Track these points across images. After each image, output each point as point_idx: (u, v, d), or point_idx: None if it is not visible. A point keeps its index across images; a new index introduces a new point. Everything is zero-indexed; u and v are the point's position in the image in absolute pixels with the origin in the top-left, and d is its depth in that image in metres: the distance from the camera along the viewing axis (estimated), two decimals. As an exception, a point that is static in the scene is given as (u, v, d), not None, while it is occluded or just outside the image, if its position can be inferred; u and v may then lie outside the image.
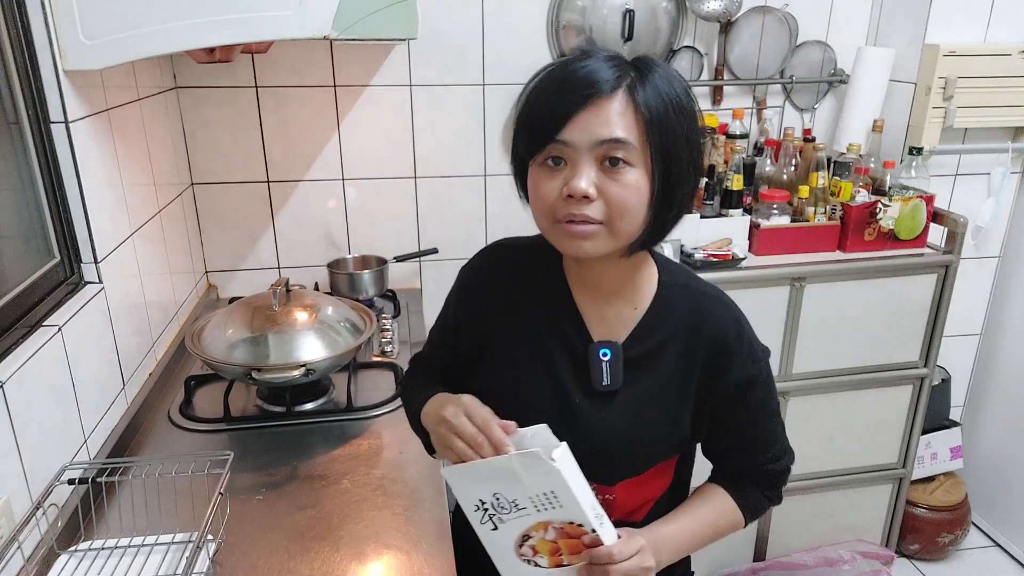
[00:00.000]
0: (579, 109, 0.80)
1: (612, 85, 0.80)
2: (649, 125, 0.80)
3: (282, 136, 2.06)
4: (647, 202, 0.82)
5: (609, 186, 0.81)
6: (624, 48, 2.12)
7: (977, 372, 2.58)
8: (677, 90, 0.83)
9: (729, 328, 0.94)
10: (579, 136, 0.80)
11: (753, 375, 0.95)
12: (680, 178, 0.83)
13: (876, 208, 1.91)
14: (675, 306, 0.94)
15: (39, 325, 1.21)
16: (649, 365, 0.94)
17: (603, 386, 0.93)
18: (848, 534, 2.25)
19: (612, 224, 0.83)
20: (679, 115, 0.82)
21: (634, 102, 0.80)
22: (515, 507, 0.84)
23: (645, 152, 0.81)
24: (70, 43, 1.25)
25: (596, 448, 0.93)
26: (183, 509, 1.18)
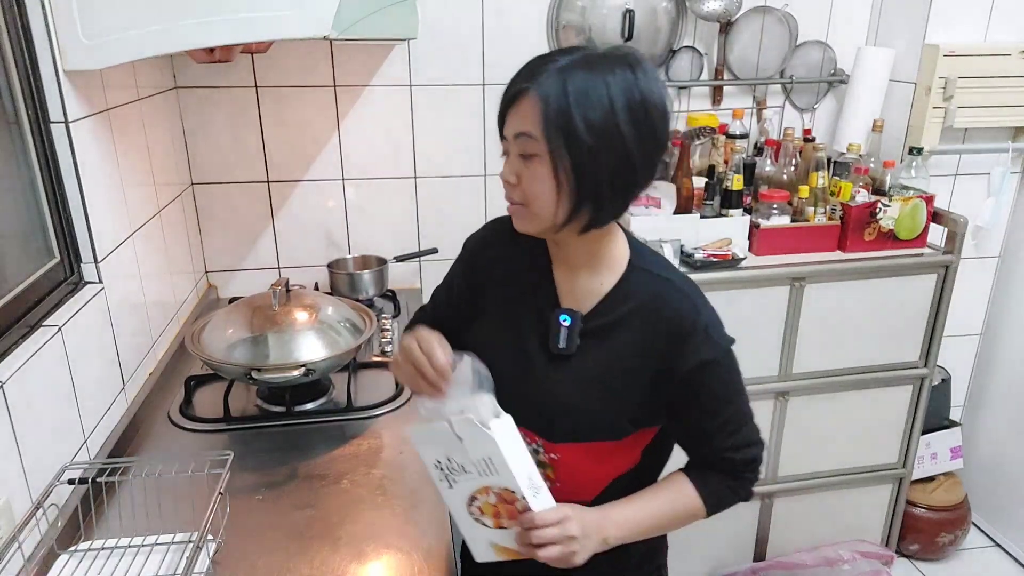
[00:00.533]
0: (508, 108, 0.92)
1: (528, 83, 0.89)
2: (546, 119, 0.87)
3: (282, 136, 2.06)
4: (553, 190, 0.90)
5: (524, 175, 0.92)
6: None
7: (977, 372, 2.58)
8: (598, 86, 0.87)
9: (687, 312, 0.98)
10: (508, 131, 0.93)
11: (710, 359, 0.98)
12: (591, 171, 0.89)
13: (876, 208, 1.91)
14: (639, 288, 1.00)
15: (39, 325, 1.21)
16: (604, 337, 1.00)
17: (559, 349, 1.01)
18: (848, 534, 2.25)
19: (528, 207, 0.94)
20: (584, 108, 0.86)
21: (536, 97, 0.87)
22: (463, 469, 0.93)
23: (544, 145, 0.88)
24: (70, 43, 1.25)
25: (544, 405, 1.01)
26: (183, 509, 1.18)
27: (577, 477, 1.04)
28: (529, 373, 1.02)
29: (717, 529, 2.15)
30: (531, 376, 1.02)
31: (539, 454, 1.04)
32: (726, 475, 1.06)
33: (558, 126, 0.87)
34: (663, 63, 2.19)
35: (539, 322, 1.03)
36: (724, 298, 1.87)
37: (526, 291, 1.05)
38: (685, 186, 1.91)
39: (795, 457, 2.09)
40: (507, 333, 1.06)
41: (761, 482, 2.07)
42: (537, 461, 1.00)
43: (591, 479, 1.05)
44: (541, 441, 1.03)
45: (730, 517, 2.13)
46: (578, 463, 1.03)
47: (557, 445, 1.02)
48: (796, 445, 2.08)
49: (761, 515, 2.16)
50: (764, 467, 1.12)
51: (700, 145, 2.11)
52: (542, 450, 1.04)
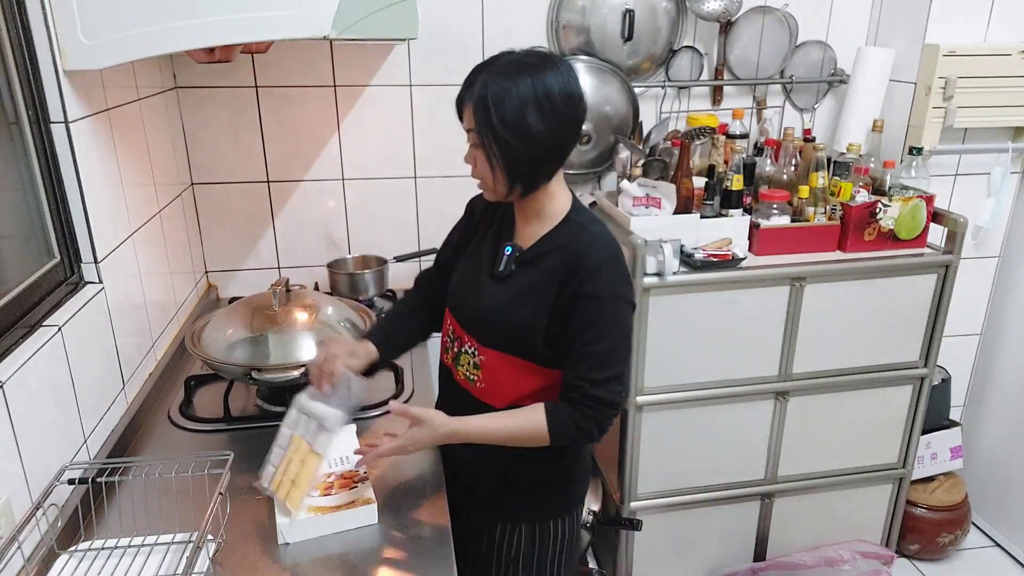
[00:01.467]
0: (462, 107, 1.19)
1: (469, 89, 1.16)
2: (477, 120, 1.15)
3: (282, 136, 2.06)
4: (491, 168, 1.18)
5: (476, 159, 1.20)
6: (624, 48, 2.12)
7: (977, 372, 2.58)
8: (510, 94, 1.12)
9: (589, 252, 1.20)
10: (464, 126, 1.19)
11: (591, 293, 1.19)
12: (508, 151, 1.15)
13: (876, 208, 1.91)
14: (564, 233, 1.25)
15: (39, 325, 1.21)
16: (532, 266, 1.25)
17: (499, 272, 1.27)
18: (848, 534, 2.25)
19: (484, 182, 1.22)
20: (500, 107, 1.12)
21: (472, 103, 1.15)
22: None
23: (479, 138, 1.16)
24: (70, 43, 1.25)
25: (480, 313, 1.29)
26: (183, 509, 1.18)
27: (497, 382, 1.28)
28: (476, 289, 1.30)
29: (717, 529, 2.15)
30: (477, 291, 1.30)
31: (474, 356, 1.30)
32: (575, 409, 1.20)
33: (484, 124, 1.14)
34: (663, 63, 2.20)
35: (495, 252, 1.30)
36: (724, 298, 1.88)
37: (494, 232, 1.33)
38: (685, 186, 1.91)
39: (795, 457, 2.09)
40: (472, 260, 1.35)
41: (761, 482, 2.09)
42: (473, 363, 1.30)
43: (508, 389, 1.28)
44: (476, 344, 1.29)
45: (730, 517, 2.15)
46: (500, 369, 1.27)
47: (486, 349, 1.28)
48: (796, 445, 2.08)
49: (761, 515, 2.16)
50: (614, 422, 1.26)
51: (700, 145, 2.10)
52: (476, 352, 1.29)
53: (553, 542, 1.39)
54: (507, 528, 1.37)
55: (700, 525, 2.13)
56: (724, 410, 1.99)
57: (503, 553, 1.38)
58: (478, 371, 1.30)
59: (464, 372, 1.32)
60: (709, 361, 1.93)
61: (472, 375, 1.31)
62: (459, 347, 1.33)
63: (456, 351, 1.34)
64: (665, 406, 1.95)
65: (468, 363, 1.31)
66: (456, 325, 1.34)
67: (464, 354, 1.32)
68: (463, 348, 1.32)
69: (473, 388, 1.31)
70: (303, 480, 1.16)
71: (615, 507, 2.07)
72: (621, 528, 2.05)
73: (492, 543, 1.38)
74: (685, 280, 1.83)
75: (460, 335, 1.33)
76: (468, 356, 1.31)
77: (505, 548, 1.38)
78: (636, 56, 2.15)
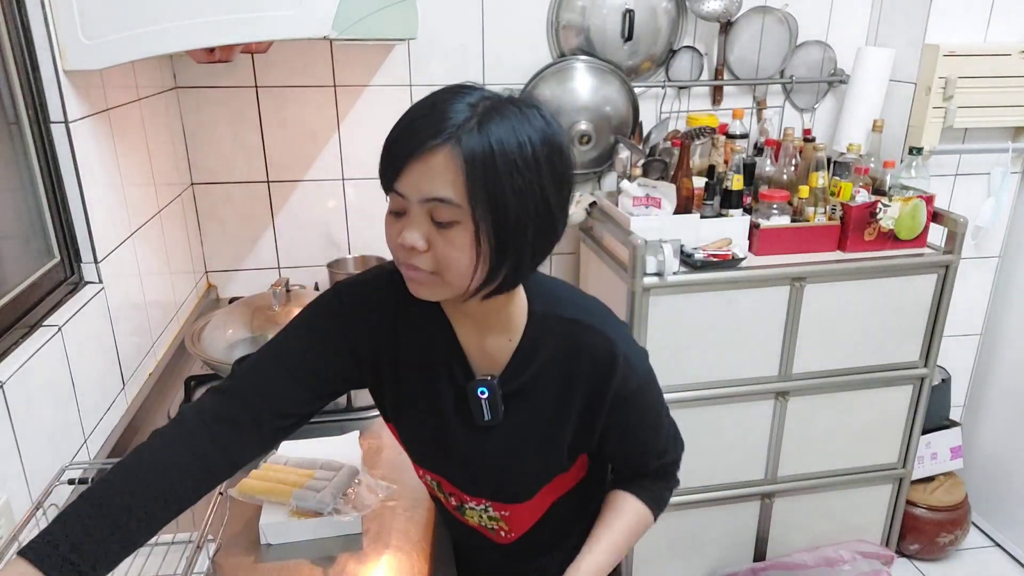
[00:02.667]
0: (408, 160, 0.78)
1: (439, 134, 0.76)
2: (471, 182, 0.76)
3: (282, 136, 2.06)
4: (474, 257, 0.80)
5: (436, 241, 0.80)
6: (624, 48, 2.12)
7: (977, 372, 2.58)
8: (519, 138, 0.77)
9: (606, 351, 0.92)
10: (410, 190, 0.79)
11: (635, 387, 0.96)
12: (515, 231, 0.80)
13: (876, 208, 1.91)
14: (547, 337, 0.93)
15: (39, 325, 1.21)
16: (526, 397, 0.94)
17: (484, 422, 0.94)
18: (848, 534, 2.25)
19: (442, 276, 0.82)
20: (510, 166, 0.77)
21: (462, 154, 0.76)
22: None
23: (468, 211, 0.77)
24: (70, 43, 1.25)
25: (480, 476, 1.00)
26: (183, 509, 1.18)
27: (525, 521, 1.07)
28: (457, 449, 0.97)
29: (717, 529, 2.15)
30: (462, 452, 0.97)
31: (487, 511, 1.04)
32: (659, 479, 1.08)
33: (485, 189, 0.76)
34: (663, 63, 2.19)
35: (456, 396, 0.95)
36: (724, 298, 1.87)
37: (429, 357, 0.95)
38: (685, 186, 1.91)
39: (795, 457, 2.09)
40: (421, 405, 0.97)
41: (761, 482, 2.09)
42: (488, 516, 1.05)
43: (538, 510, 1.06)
44: (488, 503, 1.02)
45: (730, 517, 2.15)
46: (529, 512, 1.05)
47: (504, 505, 1.03)
48: (796, 445, 2.07)
49: (761, 515, 2.16)
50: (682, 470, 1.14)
51: (700, 145, 2.10)
52: (490, 508, 1.03)
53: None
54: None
55: (700, 525, 2.13)
56: (724, 410, 1.99)
57: None
58: (498, 523, 1.06)
59: (479, 521, 1.08)
60: (709, 361, 1.93)
61: (492, 525, 1.08)
62: (459, 502, 1.06)
63: (456, 504, 1.07)
64: (665, 406, 1.95)
65: (480, 516, 1.07)
66: (446, 483, 1.04)
67: (470, 509, 1.06)
68: (466, 505, 1.05)
69: (499, 538, 1.10)
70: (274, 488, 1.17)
71: (615, 507, 2.07)
72: (621, 528, 2.05)
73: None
74: (685, 280, 1.83)
75: (454, 492, 1.05)
76: (478, 512, 1.06)
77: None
78: (636, 56, 2.15)
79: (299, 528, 1.15)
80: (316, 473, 1.21)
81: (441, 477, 1.04)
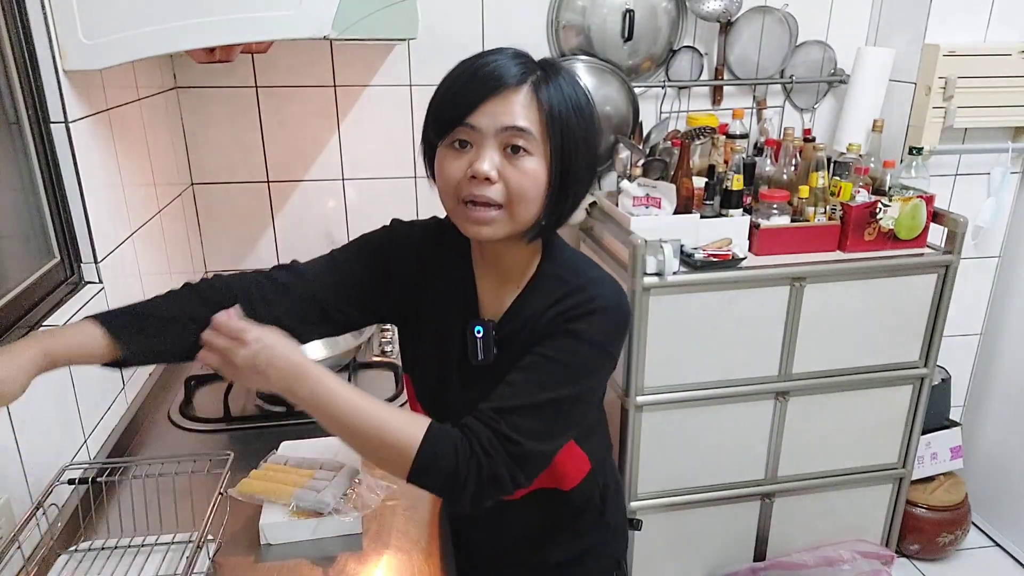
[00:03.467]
0: (488, 97, 0.86)
1: (519, 79, 0.87)
2: (550, 119, 0.87)
3: (282, 136, 2.06)
4: (543, 190, 0.89)
5: (509, 171, 0.87)
6: (624, 48, 2.12)
7: (977, 372, 2.58)
8: (578, 94, 0.90)
9: (587, 294, 0.94)
10: (485, 121, 0.87)
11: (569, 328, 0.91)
12: (577, 174, 0.90)
13: (876, 208, 1.91)
14: (545, 293, 0.96)
15: (39, 325, 1.21)
16: (514, 344, 0.96)
17: (478, 361, 0.98)
18: (848, 534, 2.25)
19: (511, 208, 0.89)
20: (579, 116, 0.89)
21: (537, 97, 0.87)
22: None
23: (545, 144, 0.87)
24: (70, 43, 1.25)
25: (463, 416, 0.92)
26: (183, 509, 1.18)
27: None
28: (448, 388, 1.01)
29: (717, 529, 2.15)
30: (451, 391, 1.01)
31: None
32: (467, 436, 0.87)
33: (560, 131, 0.87)
34: (663, 63, 2.19)
35: (461, 336, 0.99)
36: (724, 298, 1.87)
37: (447, 299, 1.02)
38: (685, 186, 1.91)
39: (795, 457, 2.09)
40: (431, 342, 1.03)
41: (761, 482, 2.09)
42: None
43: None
44: None
45: (730, 517, 2.15)
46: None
47: None
48: (796, 445, 2.07)
49: (761, 515, 2.16)
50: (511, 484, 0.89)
51: (700, 145, 2.10)
52: None
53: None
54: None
55: (700, 525, 2.13)
56: (724, 410, 1.99)
57: None
58: None
59: None
60: (709, 361, 1.93)
61: None
62: None
63: None
64: (665, 406, 1.95)
65: None
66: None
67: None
68: None
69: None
70: (271, 488, 1.18)
71: (615, 507, 2.07)
72: (621, 528, 2.05)
73: None
74: (685, 280, 1.83)
75: None
76: None
77: None
78: (636, 56, 2.15)
79: (299, 528, 1.15)
80: (316, 473, 1.21)
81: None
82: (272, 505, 1.17)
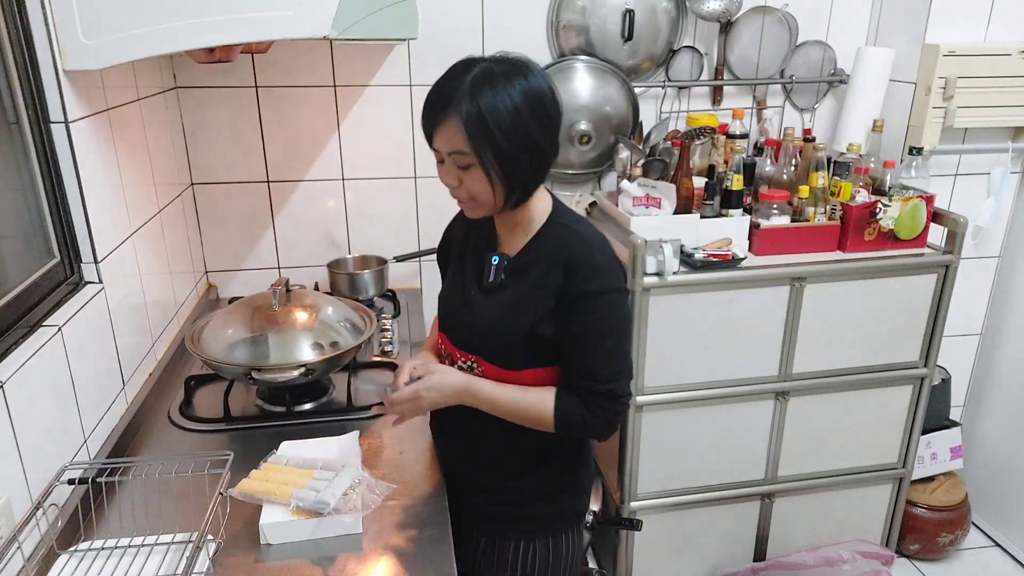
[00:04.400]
0: (435, 128, 1.13)
1: (448, 108, 1.09)
2: (471, 137, 1.09)
3: (282, 136, 2.06)
4: (489, 187, 1.13)
5: (464, 178, 1.15)
6: (624, 48, 2.12)
7: (977, 372, 2.58)
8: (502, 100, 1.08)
9: (582, 253, 1.18)
10: (441, 146, 1.14)
11: (592, 290, 1.17)
12: (512, 164, 1.12)
13: (876, 208, 1.91)
14: (553, 236, 1.22)
15: (39, 325, 1.21)
16: (522, 274, 1.23)
17: (489, 283, 1.25)
18: (848, 534, 2.25)
19: (474, 201, 1.18)
20: (498, 121, 1.08)
21: (462, 122, 1.08)
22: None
23: (474, 157, 1.11)
24: (70, 43, 1.25)
25: (475, 328, 1.26)
26: (183, 509, 1.18)
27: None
28: (466, 305, 1.27)
29: (717, 529, 2.15)
30: (467, 307, 1.27)
31: (474, 370, 1.26)
32: (583, 403, 1.20)
33: (482, 140, 1.09)
34: (663, 63, 2.20)
35: (479, 265, 1.28)
36: (724, 298, 1.87)
37: (477, 245, 1.31)
38: (685, 186, 1.91)
39: (795, 457, 2.09)
40: (457, 276, 1.32)
41: (761, 482, 2.09)
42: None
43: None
44: (475, 358, 1.26)
45: (730, 517, 2.15)
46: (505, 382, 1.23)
47: (487, 364, 1.25)
48: (796, 445, 2.07)
49: (761, 515, 2.16)
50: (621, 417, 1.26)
51: (700, 145, 2.10)
52: (475, 366, 1.26)
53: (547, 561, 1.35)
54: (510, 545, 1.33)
55: (700, 525, 2.13)
56: (724, 410, 1.99)
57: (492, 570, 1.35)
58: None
59: None
60: (709, 361, 1.93)
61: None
62: (452, 364, 1.29)
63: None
64: (665, 406, 1.95)
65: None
66: (448, 343, 1.31)
67: (459, 369, 1.28)
68: (457, 365, 1.28)
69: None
70: (271, 488, 1.18)
71: (615, 507, 2.07)
72: (621, 528, 2.05)
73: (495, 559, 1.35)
74: (685, 280, 1.83)
75: (451, 352, 1.29)
76: (464, 371, 1.27)
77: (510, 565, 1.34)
78: (636, 56, 2.15)
79: (299, 528, 1.15)
80: (316, 473, 1.21)
81: (448, 339, 1.30)
82: (272, 505, 1.17)
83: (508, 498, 1.32)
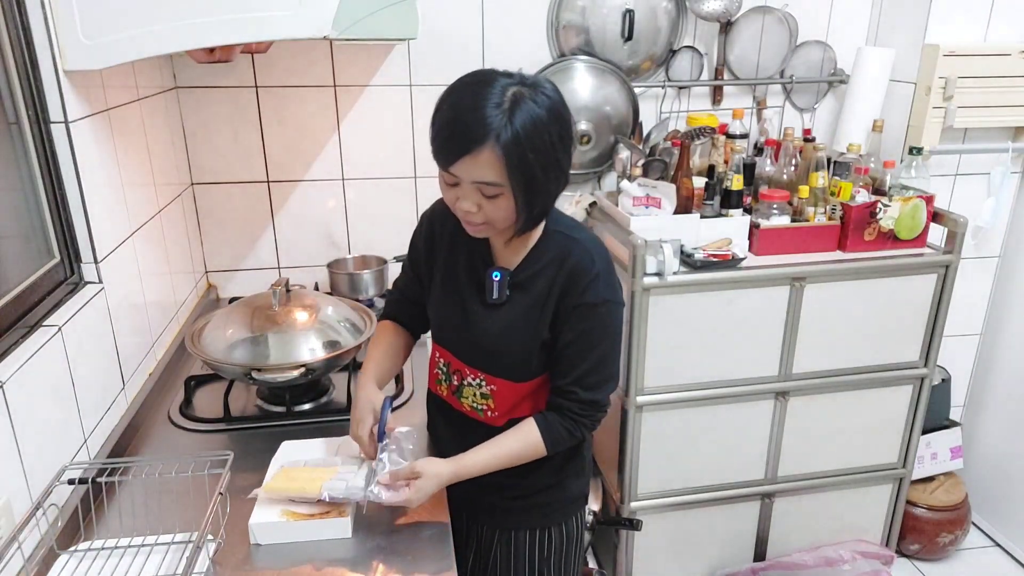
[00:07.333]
0: (462, 156, 1.05)
1: (485, 136, 1.02)
2: (510, 168, 1.03)
3: (282, 136, 2.06)
4: (514, 212, 1.10)
5: (485, 205, 1.09)
6: (624, 48, 2.12)
7: (977, 372, 2.58)
8: (538, 126, 1.03)
9: (583, 263, 1.18)
10: (463, 173, 1.07)
11: (586, 302, 1.17)
12: (539, 191, 1.09)
13: (876, 208, 1.91)
14: (553, 246, 1.21)
15: (39, 325, 1.21)
16: (526, 287, 1.21)
17: (493, 299, 1.22)
18: (848, 534, 2.25)
19: (491, 225, 1.13)
20: (535, 150, 1.03)
21: (501, 151, 1.02)
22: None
23: (508, 184, 1.06)
24: (70, 43, 1.25)
25: (481, 345, 1.25)
26: (183, 509, 1.18)
27: (511, 406, 1.26)
28: (468, 320, 1.25)
29: (717, 529, 2.15)
30: (471, 323, 1.24)
31: (480, 387, 1.27)
32: (564, 416, 1.22)
33: (519, 170, 1.04)
34: (663, 63, 2.20)
35: (477, 281, 1.24)
36: (724, 298, 1.87)
37: (468, 255, 1.26)
38: (685, 186, 1.91)
39: (795, 457, 2.09)
40: (450, 290, 1.27)
41: (761, 482, 2.09)
42: (480, 393, 1.27)
43: (524, 410, 1.27)
44: (481, 375, 1.26)
45: (730, 517, 2.15)
46: (513, 394, 1.25)
47: (495, 379, 1.25)
48: (796, 445, 2.08)
49: (761, 515, 2.16)
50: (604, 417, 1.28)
51: (700, 145, 2.11)
52: (484, 383, 1.26)
53: (560, 545, 1.38)
54: (524, 536, 1.36)
55: (700, 525, 2.13)
56: (724, 410, 1.99)
57: (509, 560, 1.37)
58: (488, 400, 1.27)
59: (471, 404, 1.29)
60: (709, 361, 1.93)
61: (481, 405, 1.28)
62: (460, 380, 1.29)
63: (457, 384, 1.30)
64: (665, 406, 1.95)
65: (474, 395, 1.28)
66: (452, 358, 1.30)
67: (467, 387, 1.28)
68: (465, 381, 1.28)
69: (484, 418, 1.29)
70: (293, 486, 1.18)
71: (615, 507, 2.07)
72: (621, 528, 2.05)
73: (511, 551, 1.37)
74: (685, 280, 1.83)
75: (459, 368, 1.29)
76: (473, 388, 1.28)
77: (527, 554, 1.36)
78: (636, 56, 2.15)
79: (289, 529, 1.14)
80: (340, 469, 1.22)
81: (451, 354, 1.29)
82: (263, 506, 1.16)
83: (520, 492, 1.33)
